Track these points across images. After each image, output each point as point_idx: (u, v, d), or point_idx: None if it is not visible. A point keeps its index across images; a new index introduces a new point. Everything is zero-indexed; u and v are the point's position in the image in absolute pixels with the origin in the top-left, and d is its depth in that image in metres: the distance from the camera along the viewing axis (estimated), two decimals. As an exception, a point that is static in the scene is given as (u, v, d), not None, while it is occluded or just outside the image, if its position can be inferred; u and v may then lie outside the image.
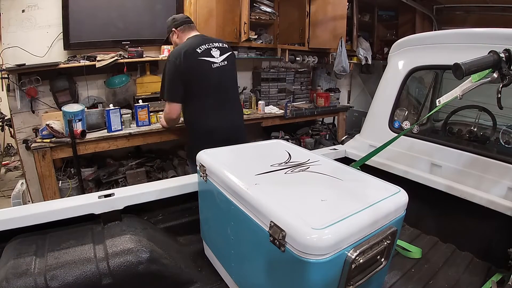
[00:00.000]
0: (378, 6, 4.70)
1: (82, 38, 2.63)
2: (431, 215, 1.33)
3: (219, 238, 0.94)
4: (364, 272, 0.69)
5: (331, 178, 0.82)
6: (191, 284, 1.00)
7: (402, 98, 1.57)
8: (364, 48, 4.50)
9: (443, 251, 1.23)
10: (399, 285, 1.04)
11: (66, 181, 2.55)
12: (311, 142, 3.95)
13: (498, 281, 1.01)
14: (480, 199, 1.12)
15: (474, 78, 0.93)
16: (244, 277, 0.85)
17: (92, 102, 2.79)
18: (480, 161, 1.20)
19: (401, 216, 0.76)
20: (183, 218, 1.19)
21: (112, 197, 1.01)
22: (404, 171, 1.37)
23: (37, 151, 2.19)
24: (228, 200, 0.81)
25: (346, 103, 4.96)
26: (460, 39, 1.28)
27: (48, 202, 1.01)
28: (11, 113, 2.58)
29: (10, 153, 4.67)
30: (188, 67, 1.64)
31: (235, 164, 0.90)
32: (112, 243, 0.91)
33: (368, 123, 1.65)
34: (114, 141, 2.47)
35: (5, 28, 2.42)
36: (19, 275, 0.77)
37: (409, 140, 1.43)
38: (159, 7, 2.91)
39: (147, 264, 0.90)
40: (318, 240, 0.58)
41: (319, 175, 0.84)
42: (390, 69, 1.57)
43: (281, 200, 0.68)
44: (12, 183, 3.63)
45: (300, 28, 3.66)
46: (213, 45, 1.76)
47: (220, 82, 1.75)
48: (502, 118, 1.53)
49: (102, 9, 2.66)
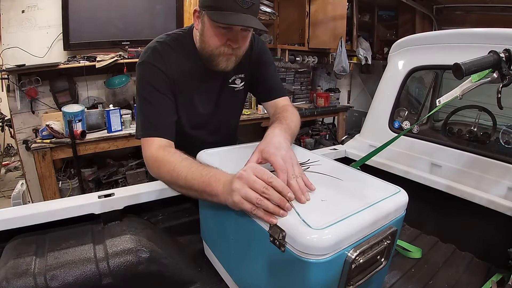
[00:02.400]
0: (378, 6, 4.71)
1: (82, 38, 2.63)
2: (431, 215, 1.33)
3: (219, 238, 0.94)
4: (364, 272, 0.69)
5: (331, 178, 0.82)
6: (191, 284, 1.00)
7: (402, 98, 1.57)
8: (364, 48, 4.51)
9: (443, 251, 1.23)
10: (399, 285, 1.04)
11: (66, 181, 2.55)
12: (311, 142, 3.96)
13: (498, 281, 1.01)
14: (480, 199, 1.12)
15: (474, 78, 0.93)
16: (244, 277, 0.85)
17: (92, 102, 2.79)
18: (480, 161, 1.20)
19: (401, 216, 0.76)
20: (183, 218, 1.19)
21: (112, 197, 1.01)
22: (404, 171, 1.37)
23: (37, 151, 2.20)
24: (228, 200, 0.80)
25: (346, 103, 4.96)
26: (460, 39, 1.28)
27: (48, 202, 1.00)
28: (11, 114, 2.58)
29: (10, 153, 4.68)
30: None
31: (235, 164, 0.89)
32: (112, 243, 0.91)
33: (368, 123, 1.65)
34: (114, 142, 2.48)
35: (5, 28, 2.42)
36: (19, 275, 0.77)
37: (409, 140, 1.43)
38: (159, 7, 2.92)
39: (147, 264, 0.90)
40: (318, 240, 0.58)
41: (319, 175, 0.84)
42: (390, 69, 1.57)
43: (281, 200, 0.68)
44: (12, 184, 3.63)
45: (300, 28, 3.66)
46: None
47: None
48: (502, 118, 1.53)
49: (102, 10, 2.67)
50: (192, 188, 0.77)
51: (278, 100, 1.15)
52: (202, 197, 0.77)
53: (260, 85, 1.17)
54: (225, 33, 0.89)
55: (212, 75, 1.03)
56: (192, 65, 1.00)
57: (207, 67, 0.98)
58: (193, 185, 0.76)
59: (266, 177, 0.63)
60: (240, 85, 1.13)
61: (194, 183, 0.75)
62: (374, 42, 4.84)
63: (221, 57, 0.93)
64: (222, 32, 0.88)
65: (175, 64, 0.98)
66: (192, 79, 1.01)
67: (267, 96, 1.16)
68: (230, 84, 1.11)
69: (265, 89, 1.16)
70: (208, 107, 1.08)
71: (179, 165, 0.80)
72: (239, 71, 1.10)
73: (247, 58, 1.06)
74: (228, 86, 1.10)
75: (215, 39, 0.89)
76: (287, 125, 0.93)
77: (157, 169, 0.87)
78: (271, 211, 0.61)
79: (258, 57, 1.12)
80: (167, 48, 0.98)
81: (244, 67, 1.10)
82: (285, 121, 0.95)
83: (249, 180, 0.63)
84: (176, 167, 0.80)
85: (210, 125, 1.10)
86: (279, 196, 0.62)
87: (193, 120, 1.06)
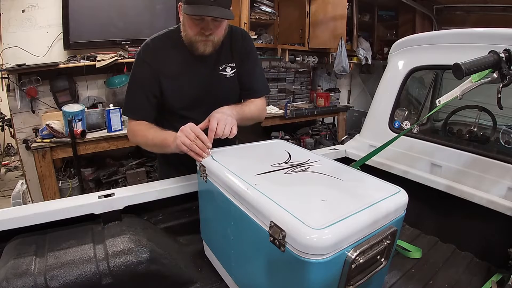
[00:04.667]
0: (378, 6, 4.71)
1: (82, 38, 2.63)
2: (431, 215, 1.33)
3: (219, 238, 0.95)
4: (364, 272, 0.69)
5: (331, 178, 0.82)
6: (191, 284, 1.00)
7: (402, 98, 1.57)
8: (364, 48, 4.50)
9: (443, 251, 1.23)
10: (399, 285, 1.04)
11: (66, 181, 2.55)
12: (311, 142, 3.96)
13: (498, 281, 1.01)
14: (480, 199, 1.12)
15: (474, 78, 0.93)
16: (244, 277, 0.85)
17: (92, 102, 2.79)
18: (480, 161, 1.20)
19: (401, 216, 0.76)
20: (183, 218, 1.19)
21: (112, 197, 1.01)
22: (404, 171, 1.37)
23: (37, 151, 2.20)
24: (228, 200, 0.81)
25: (346, 103, 4.96)
26: (460, 39, 1.28)
27: (48, 202, 1.00)
28: (11, 113, 2.58)
29: (10, 153, 4.67)
30: None
31: (235, 164, 0.90)
32: (112, 243, 0.91)
33: (368, 123, 1.65)
34: (114, 141, 2.48)
35: (5, 28, 2.42)
36: (19, 275, 0.77)
37: (409, 140, 1.43)
38: (159, 7, 2.91)
39: (147, 264, 0.90)
40: (318, 240, 0.58)
41: (319, 175, 0.84)
42: (390, 69, 1.57)
43: (281, 200, 0.68)
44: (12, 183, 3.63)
45: (300, 28, 3.66)
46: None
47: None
48: (502, 118, 1.53)
49: (102, 9, 2.67)
50: (156, 145, 1.11)
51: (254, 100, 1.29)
52: (162, 150, 1.10)
53: (243, 81, 1.27)
54: (198, 23, 1.04)
55: (200, 61, 1.17)
56: (179, 53, 1.16)
57: (192, 53, 1.14)
58: (156, 142, 1.10)
59: (197, 132, 0.97)
60: (230, 73, 1.24)
61: (156, 141, 1.09)
62: (374, 42, 4.84)
63: (198, 43, 1.09)
64: (195, 23, 1.05)
65: (163, 55, 1.16)
66: (181, 65, 1.17)
67: (247, 95, 1.29)
68: (221, 71, 1.22)
69: (246, 88, 1.28)
70: (197, 89, 1.20)
71: (147, 132, 1.13)
72: (229, 60, 1.22)
73: (237, 48, 1.22)
74: (218, 73, 1.21)
75: (191, 28, 1.06)
76: (241, 107, 1.19)
77: (133, 137, 1.19)
78: (198, 153, 0.95)
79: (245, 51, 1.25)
80: (157, 42, 1.17)
81: (235, 56, 1.23)
82: (241, 105, 1.22)
83: (186, 132, 0.96)
84: (145, 133, 1.13)
85: (202, 108, 1.18)
86: (202, 145, 0.95)
87: (183, 101, 1.20)
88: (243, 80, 1.27)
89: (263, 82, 1.33)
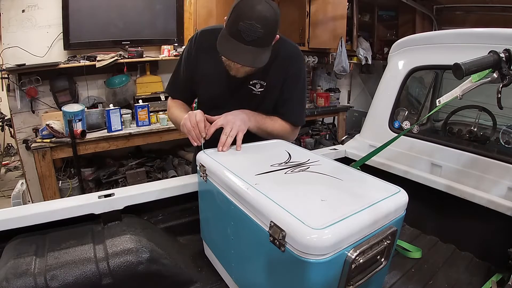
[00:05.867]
0: (378, 6, 4.71)
1: (82, 38, 2.64)
2: (431, 215, 1.33)
3: (219, 238, 0.95)
4: (364, 272, 0.69)
5: (331, 178, 0.82)
6: (191, 284, 1.00)
7: (402, 98, 1.58)
8: (364, 48, 4.50)
9: (443, 251, 1.23)
10: (399, 285, 1.04)
11: (66, 181, 2.55)
12: (311, 142, 3.96)
13: (498, 281, 1.01)
14: (480, 199, 1.12)
15: (474, 78, 0.93)
16: (244, 277, 0.85)
17: (92, 102, 2.79)
18: (480, 161, 1.20)
19: (401, 216, 0.76)
20: (183, 218, 1.19)
21: (112, 197, 1.01)
22: (404, 171, 1.37)
23: (37, 151, 2.20)
24: (228, 200, 0.81)
25: (346, 103, 4.96)
26: (460, 39, 1.28)
27: (48, 202, 1.00)
28: (11, 113, 2.58)
29: (10, 153, 4.67)
30: None
31: (235, 164, 0.90)
32: (112, 243, 0.91)
33: (368, 123, 1.65)
34: (114, 141, 2.48)
35: (5, 28, 2.42)
36: (19, 275, 0.77)
37: (409, 140, 1.43)
38: (159, 7, 2.92)
39: (147, 264, 0.90)
40: (318, 240, 0.58)
41: (319, 175, 0.84)
42: (390, 69, 1.57)
43: (281, 200, 0.68)
44: (12, 183, 3.63)
45: (300, 28, 3.66)
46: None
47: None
48: (502, 118, 1.53)
49: (102, 9, 2.67)
50: (175, 122, 1.28)
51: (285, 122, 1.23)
52: (177, 127, 1.22)
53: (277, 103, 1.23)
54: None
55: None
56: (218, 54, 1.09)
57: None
58: (175, 120, 1.26)
59: (198, 120, 1.04)
60: (258, 90, 1.19)
61: (176, 118, 1.23)
62: (374, 42, 4.84)
63: (230, 67, 1.08)
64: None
65: (207, 48, 1.15)
66: (215, 66, 1.15)
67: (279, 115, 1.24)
68: (250, 85, 1.18)
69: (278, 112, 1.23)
70: (224, 93, 1.21)
71: (174, 109, 1.28)
72: (262, 78, 1.17)
73: (278, 69, 1.16)
74: (247, 86, 1.18)
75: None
76: (263, 118, 1.18)
77: (168, 111, 1.34)
78: (193, 138, 1.04)
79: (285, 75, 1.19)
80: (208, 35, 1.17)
81: (272, 75, 1.17)
82: (266, 117, 1.19)
83: (190, 117, 1.05)
84: (173, 110, 1.28)
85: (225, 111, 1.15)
86: (198, 133, 1.03)
87: (212, 101, 1.24)
88: (278, 103, 1.22)
89: (299, 112, 1.25)
